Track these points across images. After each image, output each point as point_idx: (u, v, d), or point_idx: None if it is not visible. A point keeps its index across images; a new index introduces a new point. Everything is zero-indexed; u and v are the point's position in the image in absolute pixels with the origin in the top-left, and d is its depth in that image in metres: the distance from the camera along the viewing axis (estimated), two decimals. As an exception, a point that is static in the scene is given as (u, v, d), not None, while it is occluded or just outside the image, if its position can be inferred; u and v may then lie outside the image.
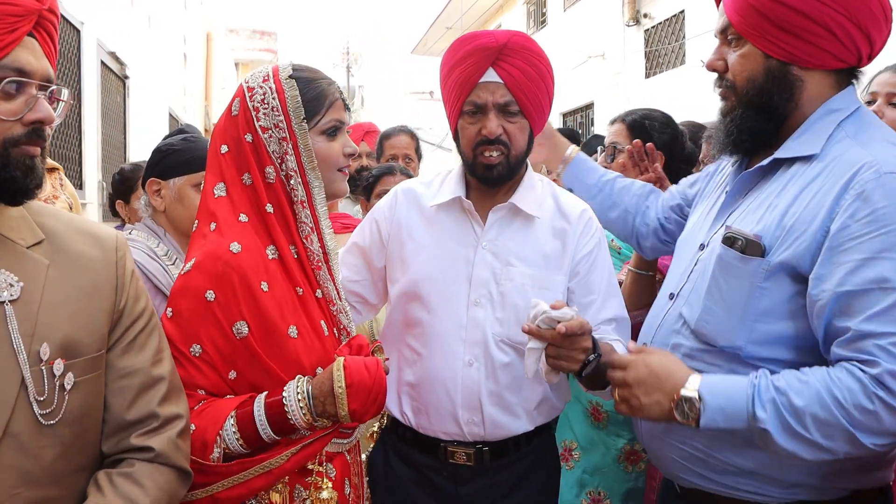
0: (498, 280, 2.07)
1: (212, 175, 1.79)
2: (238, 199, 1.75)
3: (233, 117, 1.78)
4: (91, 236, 1.47)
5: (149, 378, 1.47)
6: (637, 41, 13.27)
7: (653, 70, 12.95)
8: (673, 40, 12.30)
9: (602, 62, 14.41)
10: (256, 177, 1.75)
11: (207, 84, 18.18)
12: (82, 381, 1.36)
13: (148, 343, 1.50)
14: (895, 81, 2.67)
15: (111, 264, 1.46)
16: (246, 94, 1.78)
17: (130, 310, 1.48)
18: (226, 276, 1.64)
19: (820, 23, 1.64)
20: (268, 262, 1.72)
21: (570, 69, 15.39)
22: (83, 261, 1.43)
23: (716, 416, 1.58)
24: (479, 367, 2.06)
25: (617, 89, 13.80)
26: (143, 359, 1.48)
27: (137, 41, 9.47)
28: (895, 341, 1.47)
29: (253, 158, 1.76)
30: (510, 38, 2.03)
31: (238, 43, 29.60)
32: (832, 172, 1.61)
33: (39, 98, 1.33)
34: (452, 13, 20.47)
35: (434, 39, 23.43)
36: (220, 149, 1.78)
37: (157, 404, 1.46)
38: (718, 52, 1.82)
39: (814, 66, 1.70)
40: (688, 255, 1.92)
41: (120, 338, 1.46)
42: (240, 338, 1.65)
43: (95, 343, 1.40)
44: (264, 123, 1.75)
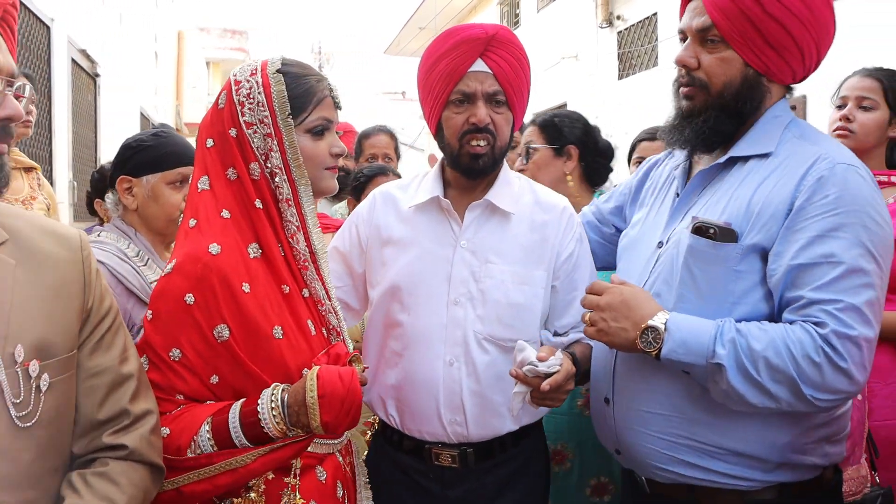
0: (477, 278, 2.07)
1: (197, 169, 1.76)
2: (221, 193, 1.71)
3: (219, 111, 1.75)
4: (55, 236, 1.44)
5: (118, 376, 1.45)
6: (610, 43, 13.33)
7: (626, 71, 13.02)
8: (645, 42, 12.38)
9: (575, 63, 14.47)
10: (242, 172, 1.72)
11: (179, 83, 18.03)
12: (57, 382, 1.34)
13: (115, 341, 1.48)
14: (864, 85, 2.84)
15: (77, 263, 1.44)
16: (232, 87, 1.74)
17: (97, 309, 1.46)
18: (205, 279, 1.61)
19: (797, 43, 1.78)
20: (249, 261, 1.68)
21: (543, 70, 15.43)
22: (50, 261, 1.40)
23: (677, 349, 1.69)
24: (459, 367, 2.06)
25: (590, 90, 13.86)
26: (111, 357, 1.46)
27: (108, 39, 9.36)
28: (840, 307, 1.62)
29: (238, 153, 1.72)
30: (498, 31, 2.07)
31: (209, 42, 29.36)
32: (789, 165, 1.76)
33: (7, 95, 1.30)
34: (426, 13, 20.44)
35: (407, 39, 23.39)
36: (206, 142, 1.75)
37: (127, 401, 1.45)
38: (692, 49, 1.85)
39: (779, 80, 1.86)
40: (644, 255, 1.97)
41: (88, 337, 1.44)
42: (221, 341, 1.62)
43: (68, 343, 1.38)
44: (249, 119, 1.72)
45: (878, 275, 1.67)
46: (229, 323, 1.62)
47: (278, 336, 1.67)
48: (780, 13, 1.74)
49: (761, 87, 1.84)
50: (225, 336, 1.61)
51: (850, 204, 1.67)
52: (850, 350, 1.61)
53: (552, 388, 1.79)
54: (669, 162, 2.10)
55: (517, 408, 1.88)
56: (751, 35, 1.77)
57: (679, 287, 1.80)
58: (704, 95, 1.84)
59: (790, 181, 1.73)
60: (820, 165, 1.71)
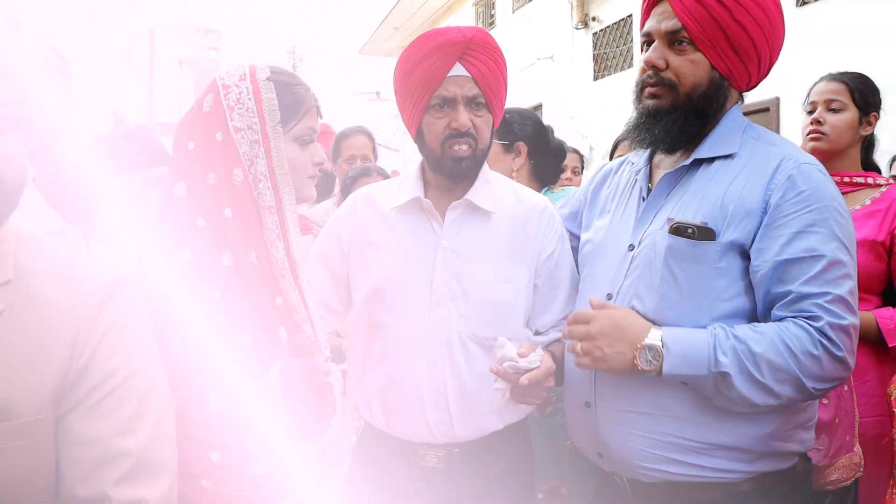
0: (459, 277, 2.08)
1: (174, 173, 1.69)
2: (201, 200, 1.65)
3: (204, 113, 1.69)
4: (70, 279, 1.26)
5: (108, 451, 1.22)
6: (585, 44, 13.37)
7: (601, 73, 13.06)
8: (621, 44, 12.43)
9: (551, 64, 14.49)
10: (220, 178, 1.66)
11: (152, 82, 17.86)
12: (10, 449, 1.15)
13: (118, 408, 1.24)
14: (830, 88, 2.96)
15: (75, 312, 1.24)
16: (220, 91, 1.69)
17: (99, 367, 1.24)
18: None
19: (759, 51, 1.89)
20: (221, 269, 1.61)
21: (518, 70, 15.44)
22: (44, 307, 1.22)
23: (678, 363, 1.73)
24: (444, 367, 2.06)
25: (565, 91, 13.90)
26: (106, 427, 1.23)
27: (80, 37, 9.25)
28: (829, 299, 1.70)
29: (221, 158, 1.67)
30: (476, 34, 2.08)
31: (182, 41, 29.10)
32: (754, 165, 1.85)
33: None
34: (400, 13, 20.39)
35: (382, 40, 23.32)
36: (187, 145, 1.68)
37: (112, 484, 1.21)
38: (661, 51, 1.91)
39: (737, 85, 1.96)
40: (613, 259, 1.99)
41: (82, 399, 1.23)
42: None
43: (33, 404, 1.18)
44: (238, 124, 1.67)
45: (852, 265, 1.77)
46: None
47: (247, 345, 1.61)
48: (745, 19, 1.84)
49: (724, 90, 1.93)
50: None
51: (821, 200, 1.77)
52: (843, 339, 1.70)
53: (531, 383, 1.82)
54: (626, 168, 2.17)
55: (499, 405, 1.92)
56: (718, 39, 1.85)
57: (661, 287, 1.84)
58: (673, 95, 1.91)
59: (760, 180, 1.81)
60: (787, 165, 1.81)
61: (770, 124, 8.16)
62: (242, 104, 1.67)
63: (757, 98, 8.87)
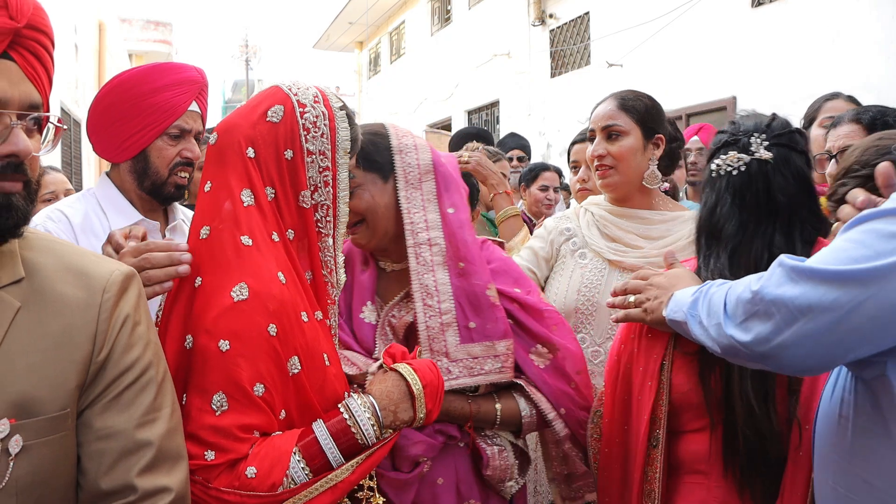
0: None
1: (237, 177, 1.63)
2: (268, 213, 1.63)
3: (271, 123, 1.65)
4: (82, 275, 1.29)
5: (130, 442, 1.26)
6: (542, 41, 13.35)
7: (558, 70, 13.06)
8: (578, 41, 12.43)
9: (507, 61, 14.45)
10: (285, 195, 1.66)
11: (100, 76, 17.47)
12: (36, 445, 1.18)
13: (137, 401, 1.29)
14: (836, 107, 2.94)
15: (92, 308, 1.27)
16: (296, 107, 1.66)
17: (117, 361, 1.28)
18: (283, 310, 1.55)
19: None
20: (302, 288, 1.65)
21: (474, 67, 15.39)
22: (61, 304, 1.25)
23: (673, 306, 1.75)
24: None
25: (522, 88, 13.88)
26: (127, 419, 1.27)
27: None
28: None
29: (288, 177, 1.65)
30: (205, 77, 2.30)
31: (132, 34, 28.62)
32: None
33: (14, 128, 1.19)
34: (356, 8, 20.24)
35: (337, 34, 23.14)
36: (246, 151, 1.64)
37: (136, 474, 1.24)
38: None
39: None
40: None
41: (101, 394, 1.26)
42: (292, 374, 1.57)
43: (59, 400, 1.21)
44: (311, 147, 1.67)
45: None
46: (300, 355, 1.58)
47: (327, 363, 1.66)
48: None
49: None
50: (297, 369, 1.57)
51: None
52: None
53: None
54: None
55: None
56: None
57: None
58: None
59: None
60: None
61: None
62: (318, 128, 1.67)
63: (713, 97, 8.92)
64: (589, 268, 2.56)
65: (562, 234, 2.68)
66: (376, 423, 1.60)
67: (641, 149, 2.53)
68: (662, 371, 1.89)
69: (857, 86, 6.27)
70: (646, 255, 2.49)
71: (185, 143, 2.21)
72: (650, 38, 9.96)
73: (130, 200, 2.24)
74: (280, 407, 1.56)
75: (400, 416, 1.63)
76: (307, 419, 1.60)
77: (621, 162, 2.51)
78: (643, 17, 10.09)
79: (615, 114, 2.54)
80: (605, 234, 2.59)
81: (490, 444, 1.95)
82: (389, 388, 1.63)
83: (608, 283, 2.50)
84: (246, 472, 1.47)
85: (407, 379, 1.64)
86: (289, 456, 1.51)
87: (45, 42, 1.27)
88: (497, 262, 2.04)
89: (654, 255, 2.48)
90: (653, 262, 2.44)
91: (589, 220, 2.65)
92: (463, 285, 1.93)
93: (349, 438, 1.58)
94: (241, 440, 1.49)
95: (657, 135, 2.55)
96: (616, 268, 2.53)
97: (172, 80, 2.18)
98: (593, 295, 2.52)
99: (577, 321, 2.52)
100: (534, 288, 2.08)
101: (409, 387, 1.63)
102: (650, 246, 2.51)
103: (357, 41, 23.44)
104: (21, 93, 1.21)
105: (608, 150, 2.52)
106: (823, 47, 7.56)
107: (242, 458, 1.49)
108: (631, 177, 2.54)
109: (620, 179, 2.53)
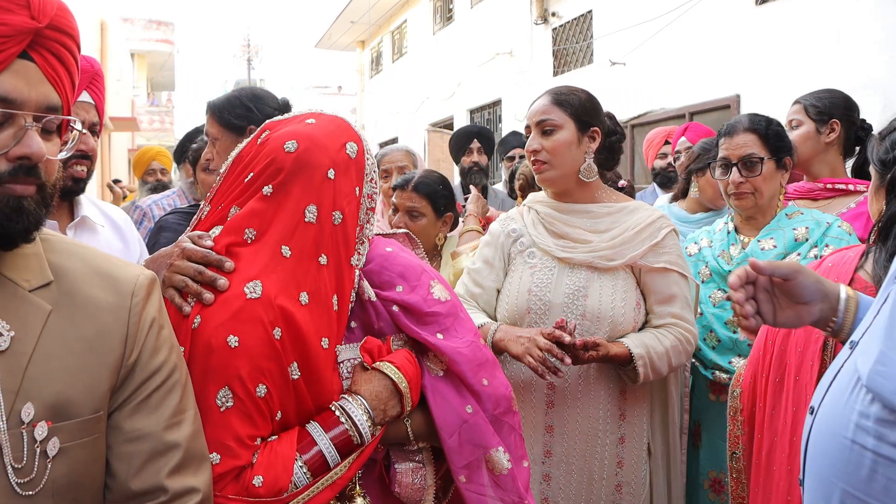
0: None
1: (307, 193, 1.63)
2: (327, 235, 1.63)
3: (349, 156, 1.70)
4: (109, 278, 1.31)
5: (161, 444, 1.28)
6: (545, 39, 13.33)
7: (560, 68, 13.03)
8: (581, 39, 12.40)
9: (510, 59, 14.43)
10: (347, 225, 1.69)
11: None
12: (72, 447, 1.20)
13: (164, 403, 1.32)
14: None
15: (123, 311, 1.30)
16: (365, 150, 1.74)
17: (145, 364, 1.31)
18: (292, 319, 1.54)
19: None
20: (331, 313, 1.65)
21: (477, 66, 15.37)
22: (92, 307, 1.27)
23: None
24: None
25: (524, 87, 13.86)
26: (156, 421, 1.30)
27: (25, 28, 8.96)
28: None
29: (349, 209, 1.69)
30: (96, 65, 2.31)
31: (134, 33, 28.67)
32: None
33: (29, 130, 1.17)
34: (357, 7, 20.23)
35: (339, 33, 23.12)
36: (328, 172, 1.65)
37: (165, 475, 1.27)
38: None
39: None
40: (880, 295, 1.44)
41: (130, 396, 1.29)
42: (293, 379, 1.56)
43: (93, 403, 1.23)
44: (367, 190, 1.74)
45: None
46: (299, 363, 1.57)
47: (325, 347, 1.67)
48: None
49: None
50: (296, 375, 1.57)
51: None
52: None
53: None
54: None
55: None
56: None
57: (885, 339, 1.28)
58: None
59: None
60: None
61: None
62: (369, 174, 1.74)
63: (718, 95, 8.89)
64: (538, 267, 2.56)
65: (509, 237, 2.69)
66: (371, 425, 1.63)
67: (576, 142, 2.54)
68: (826, 350, 1.77)
69: (860, 84, 6.25)
70: (594, 248, 2.49)
71: (83, 136, 2.20)
72: (653, 36, 9.93)
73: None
74: (278, 409, 1.56)
75: (389, 412, 1.67)
76: (302, 419, 1.62)
77: (555, 156, 2.53)
78: (646, 16, 10.06)
79: (549, 108, 2.57)
80: (552, 232, 2.59)
81: (405, 461, 1.78)
82: (378, 388, 1.65)
83: (559, 281, 2.51)
84: (253, 481, 1.47)
85: (392, 378, 1.66)
86: (293, 463, 1.53)
87: (69, 44, 1.24)
88: (375, 260, 1.82)
89: (603, 247, 2.48)
90: (603, 256, 2.47)
91: (534, 218, 2.65)
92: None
93: (348, 441, 1.61)
94: (247, 447, 1.49)
95: (592, 128, 2.56)
96: (566, 265, 2.53)
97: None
98: (545, 294, 2.52)
99: (531, 321, 2.52)
100: (421, 281, 1.80)
101: (395, 385, 1.66)
102: (598, 239, 2.52)
103: (359, 40, 23.43)
104: (39, 94, 1.19)
105: (542, 144, 2.54)
106: (827, 45, 7.53)
107: (247, 466, 1.49)
108: (567, 170, 2.56)
109: (556, 173, 2.56)
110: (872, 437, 1.21)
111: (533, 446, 2.52)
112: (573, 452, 2.51)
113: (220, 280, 1.53)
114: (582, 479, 2.51)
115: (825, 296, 1.63)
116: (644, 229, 2.50)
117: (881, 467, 1.20)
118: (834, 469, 1.29)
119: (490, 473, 1.73)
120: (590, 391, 2.50)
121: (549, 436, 2.53)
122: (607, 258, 2.46)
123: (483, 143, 5.40)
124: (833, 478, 1.29)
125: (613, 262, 2.46)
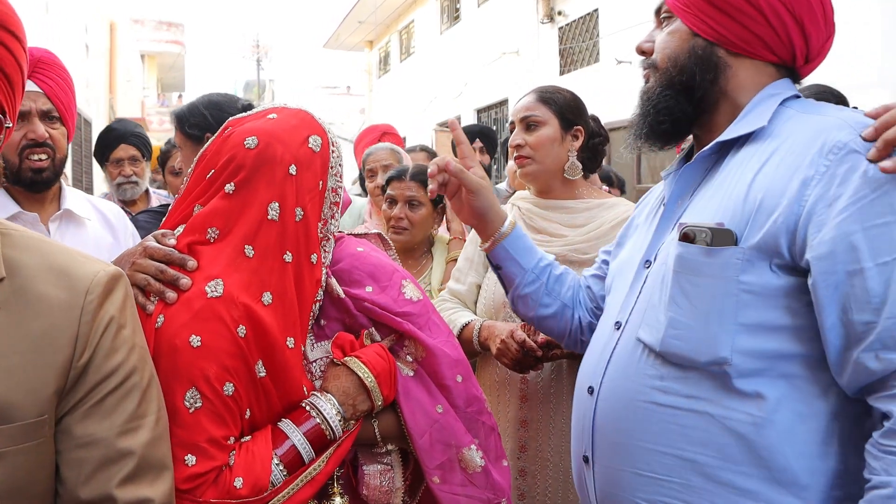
0: None
1: (270, 189, 1.59)
2: (290, 233, 1.59)
3: (311, 150, 1.64)
4: (64, 275, 1.22)
5: (112, 451, 1.19)
6: (551, 38, 13.35)
7: (567, 67, 13.05)
8: (587, 38, 12.42)
9: (516, 59, 14.46)
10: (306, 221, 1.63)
11: (112, 76, 17.58)
12: (10, 452, 1.12)
13: (119, 408, 1.22)
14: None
15: (75, 309, 1.20)
16: (330, 142, 1.69)
17: (99, 366, 1.21)
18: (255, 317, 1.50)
19: (753, 3, 1.53)
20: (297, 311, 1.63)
21: (483, 65, 15.39)
22: (41, 305, 1.19)
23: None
24: None
25: (531, 86, 13.86)
26: (109, 426, 1.20)
27: (34, 30, 9.03)
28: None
29: (311, 205, 1.65)
30: (43, 54, 2.28)
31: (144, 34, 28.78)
32: (795, 143, 1.44)
33: None
34: (365, 7, 20.28)
35: (347, 34, 23.19)
36: (290, 168, 1.60)
37: (116, 484, 1.18)
38: (650, 34, 1.74)
39: (745, 52, 1.58)
40: (628, 279, 1.69)
41: (82, 399, 1.20)
42: (259, 377, 1.53)
43: (36, 406, 1.15)
44: (332, 184, 1.69)
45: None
46: (265, 362, 1.54)
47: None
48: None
49: (714, 58, 1.58)
50: (263, 373, 1.54)
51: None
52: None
53: None
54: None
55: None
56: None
57: (669, 310, 1.48)
58: (654, 74, 1.67)
59: (802, 158, 1.41)
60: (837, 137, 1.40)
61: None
62: (334, 168, 1.70)
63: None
64: None
65: None
66: (342, 420, 1.62)
67: (559, 139, 2.57)
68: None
69: (861, 82, 6.26)
70: (569, 242, 2.51)
71: (28, 125, 2.19)
72: (659, 35, 9.96)
73: (8, 193, 2.26)
74: (246, 407, 1.53)
75: (359, 407, 1.64)
76: (271, 418, 1.60)
77: (538, 151, 2.56)
78: (651, 14, 10.07)
79: (533, 105, 2.61)
80: (531, 227, 2.61)
81: (373, 462, 1.74)
82: (345, 384, 1.63)
83: None
84: (234, 483, 1.45)
85: (357, 373, 1.63)
86: (270, 462, 1.51)
87: (13, 42, 1.22)
88: (345, 259, 1.78)
89: (577, 241, 2.50)
90: (576, 249, 2.48)
91: (516, 214, 2.68)
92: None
93: (320, 434, 1.59)
94: (222, 448, 1.47)
95: (576, 126, 2.59)
96: None
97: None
98: None
99: (507, 315, 2.54)
100: (392, 281, 1.77)
101: (361, 380, 1.63)
102: (574, 233, 2.54)
103: (367, 40, 23.49)
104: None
105: (525, 139, 2.58)
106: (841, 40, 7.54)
107: (224, 468, 1.46)
108: (549, 166, 2.58)
109: (538, 168, 2.58)
110: (670, 395, 1.48)
111: (507, 441, 2.51)
112: (548, 447, 2.51)
113: (183, 279, 1.50)
114: (558, 474, 2.50)
115: (497, 214, 1.99)
116: (620, 224, 2.49)
117: (680, 418, 1.46)
118: (634, 433, 1.52)
119: (464, 472, 1.72)
120: (562, 386, 2.49)
121: (524, 430, 2.53)
122: (581, 251, 2.48)
123: (485, 143, 5.45)
124: (637, 441, 1.51)
125: (588, 255, 2.46)
